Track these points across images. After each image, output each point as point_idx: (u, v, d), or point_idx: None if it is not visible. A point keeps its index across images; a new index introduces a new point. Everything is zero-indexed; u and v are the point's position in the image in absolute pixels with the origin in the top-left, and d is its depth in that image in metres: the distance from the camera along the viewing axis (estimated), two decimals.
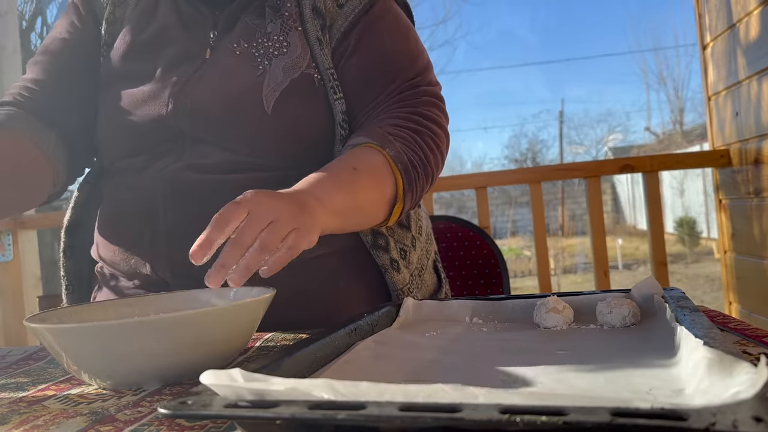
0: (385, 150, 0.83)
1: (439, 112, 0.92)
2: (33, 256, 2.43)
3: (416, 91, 0.91)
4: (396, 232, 0.95)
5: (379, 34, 0.92)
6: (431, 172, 0.89)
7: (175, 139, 0.89)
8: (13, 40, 2.44)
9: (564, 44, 32.24)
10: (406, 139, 0.85)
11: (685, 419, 0.29)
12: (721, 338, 0.44)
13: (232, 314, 0.61)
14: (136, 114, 0.90)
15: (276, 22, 0.91)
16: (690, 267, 9.03)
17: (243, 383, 0.37)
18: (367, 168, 0.81)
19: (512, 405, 0.32)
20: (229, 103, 0.87)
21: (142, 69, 0.92)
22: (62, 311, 0.69)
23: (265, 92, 0.86)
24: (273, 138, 0.87)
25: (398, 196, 0.84)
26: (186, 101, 0.87)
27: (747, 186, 1.93)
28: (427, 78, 0.94)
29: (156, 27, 0.94)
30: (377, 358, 0.56)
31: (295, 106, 0.87)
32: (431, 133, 0.89)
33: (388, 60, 0.92)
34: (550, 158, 17.31)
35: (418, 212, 1.02)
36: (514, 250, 11.09)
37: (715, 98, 2.16)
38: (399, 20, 0.96)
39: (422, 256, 1.00)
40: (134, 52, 0.94)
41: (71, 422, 0.49)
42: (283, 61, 0.88)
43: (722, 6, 2.01)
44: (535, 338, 0.61)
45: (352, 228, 0.83)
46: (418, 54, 0.94)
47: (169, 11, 0.94)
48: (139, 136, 0.90)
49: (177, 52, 0.91)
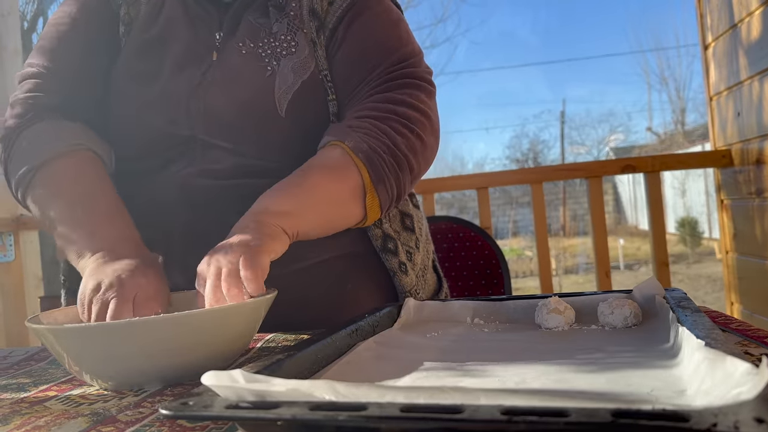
0: (344, 143, 0.81)
1: (419, 92, 0.88)
2: (34, 257, 2.43)
3: (397, 74, 0.88)
4: (402, 234, 0.95)
5: (364, 25, 0.91)
6: (403, 157, 0.84)
7: (187, 143, 0.88)
8: (14, 40, 2.44)
9: (565, 44, 32.26)
10: (367, 128, 0.83)
11: (686, 420, 0.29)
12: (722, 339, 0.44)
13: (233, 315, 0.61)
14: (146, 118, 0.89)
15: (282, 22, 0.90)
16: (692, 267, 9.02)
17: (244, 384, 0.37)
18: (319, 164, 0.81)
19: (514, 406, 0.32)
20: (242, 107, 0.86)
21: (150, 68, 0.91)
22: (63, 312, 0.70)
23: (278, 95, 0.86)
24: (282, 140, 0.87)
25: (366, 186, 0.83)
26: (199, 106, 0.87)
27: (749, 186, 1.93)
28: (414, 63, 0.90)
29: (162, 22, 0.93)
30: (378, 359, 0.56)
31: (305, 108, 0.87)
32: (399, 117, 0.85)
33: (372, 46, 0.90)
34: (551, 158, 17.31)
35: (418, 213, 1.01)
36: (515, 251, 11.08)
37: (716, 98, 2.16)
38: (389, 12, 0.94)
39: (424, 257, 1.00)
40: (142, 50, 0.93)
41: (73, 423, 0.49)
42: (292, 61, 0.88)
43: (724, 6, 2.01)
44: (536, 339, 0.61)
45: (328, 225, 0.82)
46: (407, 41, 0.92)
47: (175, 5, 0.93)
48: (150, 140, 0.89)
49: (183, 50, 0.91)
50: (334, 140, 0.82)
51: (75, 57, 0.93)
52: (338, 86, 0.90)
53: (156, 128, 0.88)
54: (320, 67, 0.89)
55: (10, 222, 2.32)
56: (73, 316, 0.70)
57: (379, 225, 0.92)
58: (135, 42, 0.94)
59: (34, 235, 2.43)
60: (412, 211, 0.99)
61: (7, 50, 2.40)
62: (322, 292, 0.88)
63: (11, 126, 0.89)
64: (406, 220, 0.97)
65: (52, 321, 0.67)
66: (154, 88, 0.90)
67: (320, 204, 0.80)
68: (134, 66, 0.92)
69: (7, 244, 2.32)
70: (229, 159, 0.87)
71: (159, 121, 0.88)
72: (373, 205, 0.84)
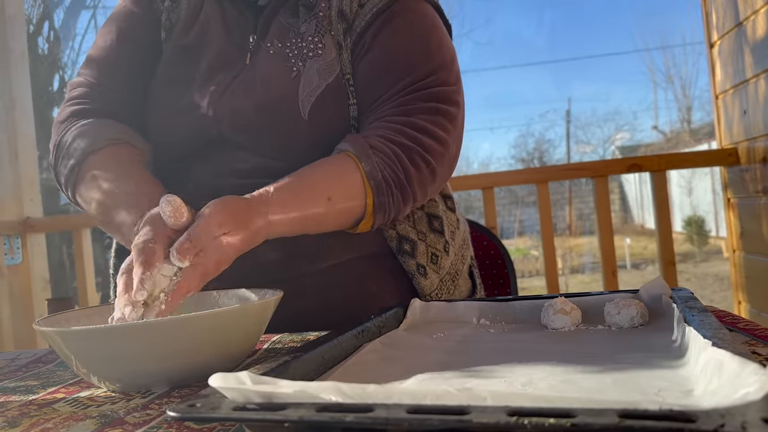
0: (361, 164, 0.81)
1: (444, 119, 0.87)
2: (42, 259, 2.44)
3: (422, 94, 0.86)
4: (428, 236, 0.94)
5: (394, 32, 0.88)
6: (410, 191, 0.85)
7: (216, 144, 0.89)
8: (20, 43, 2.45)
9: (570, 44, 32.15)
10: (387, 154, 0.83)
11: (693, 421, 0.29)
12: (729, 339, 0.44)
13: (239, 316, 0.61)
14: (178, 121, 0.90)
15: (311, 23, 0.89)
16: (699, 266, 8.99)
17: (251, 386, 0.37)
18: (330, 174, 0.81)
19: (520, 407, 0.32)
20: (266, 110, 0.86)
21: (185, 74, 0.92)
22: (71, 314, 0.70)
23: (301, 97, 0.86)
24: (305, 142, 0.87)
25: (366, 213, 0.83)
26: (225, 108, 0.87)
27: (755, 184, 1.92)
28: (441, 78, 0.88)
29: (199, 27, 0.94)
30: (384, 360, 0.56)
31: (328, 111, 0.87)
32: (419, 147, 0.84)
33: (399, 58, 0.88)
34: (557, 158, 17.25)
35: (451, 216, 0.99)
36: (521, 250, 11.06)
37: (722, 96, 2.15)
38: (423, 20, 0.91)
39: (456, 261, 0.98)
40: (179, 56, 0.94)
41: (81, 425, 0.50)
42: (318, 63, 0.87)
43: (729, 4, 2.00)
44: (542, 339, 0.61)
45: (312, 229, 0.82)
46: (437, 53, 0.89)
47: (212, 10, 0.94)
48: (181, 143, 0.91)
49: (217, 55, 0.91)
50: (353, 153, 0.82)
51: (120, 67, 0.97)
52: (359, 92, 0.89)
53: (187, 131, 0.90)
54: (344, 70, 0.88)
55: (17, 225, 2.33)
56: (80, 318, 0.70)
57: (393, 226, 0.91)
58: (173, 48, 0.95)
59: (41, 238, 2.44)
60: (442, 214, 0.97)
61: (13, 53, 2.41)
62: (342, 293, 0.88)
63: (57, 135, 0.93)
64: (434, 222, 0.95)
65: (60, 323, 0.68)
66: (187, 95, 0.91)
67: (318, 212, 0.80)
68: (171, 72, 0.94)
69: (14, 247, 2.33)
70: (252, 159, 0.88)
71: (190, 124, 0.89)
72: (364, 226, 0.85)
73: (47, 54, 6.18)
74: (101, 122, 0.91)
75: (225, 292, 0.76)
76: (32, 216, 2.38)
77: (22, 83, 2.43)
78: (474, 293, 1.04)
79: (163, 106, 0.93)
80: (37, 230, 2.37)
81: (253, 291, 0.74)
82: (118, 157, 0.88)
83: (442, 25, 0.94)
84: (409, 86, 0.87)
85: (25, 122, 2.39)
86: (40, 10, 6.09)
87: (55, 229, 2.53)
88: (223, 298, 0.76)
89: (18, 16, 2.46)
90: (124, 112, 0.95)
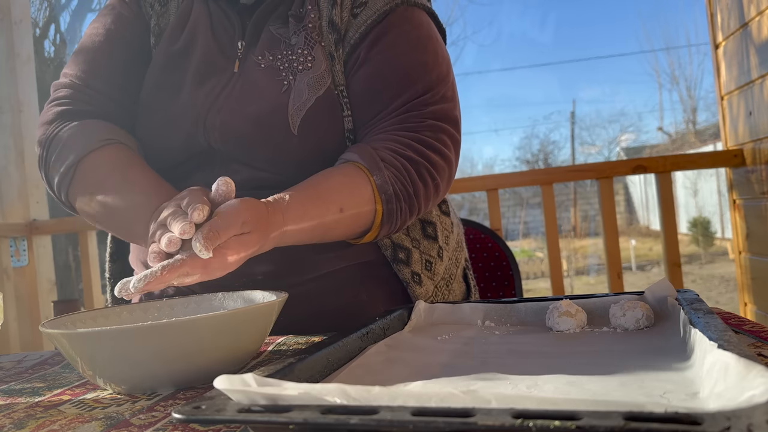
0: (372, 176, 0.81)
1: (446, 137, 0.87)
2: (48, 262, 2.45)
3: (422, 112, 0.86)
4: (422, 243, 0.93)
5: (390, 45, 0.87)
6: (417, 205, 0.85)
7: (206, 155, 0.89)
8: (27, 47, 2.46)
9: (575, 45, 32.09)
10: (399, 169, 0.83)
11: (699, 423, 0.29)
12: (735, 341, 0.44)
13: (244, 318, 0.61)
14: (168, 130, 0.90)
15: (300, 35, 0.89)
16: (704, 267, 8.96)
17: (256, 388, 0.38)
18: (342, 188, 0.80)
19: (525, 409, 0.32)
20: (256, 123, 0.86)
21: (173, 80, 0.91)
22: (77, 316, 0.70)
23: (291, 112, 0.85)
24: (296, 156, 0.86)
25: (374, 224, 0.83)
26: (215, 120, 0.87)
27: (761, 186, 1.92)
28: (439, 93, 0.87)
29: (187, 33, 0.93)
30: (389, 362, 0.56)
31: (318, 124, 0.86)
32: (428, 164, 0.85)
33: (397, 72, 0.87)
34: (561, 159, 17.21)
35: (445, 221, 0.99)
36: (526, 252, 11.04)
37: (728, 97, 2.14)
38: (419, 30, 0.89)
39: (450, 266, 0.98)
40: (167, 62, 0.93)
41: (86, 427, 0.50)
42: (308, 76, 0.86)
43: (734, 5, 2.00)
44: (547, 342, 0.61)
45: (321, 238, 0.82)
46: (434, 66, 0.88)
47: (200, 16, 0.93)
48: (172, 152, 0.90)
49: (205, 62, 0.90)
50: (363, 166, 0.82)
51: (107, 68, 0.95)
52: (355, 106, 0.88)
53: (177, 140, 0.89)
54: (337, 82, 0.88)
55: (23, 227, 2.34)
56: (86, 320, 0.70)
57: (387, 235, 0.91)
58: (162, 54, 0.94)
59: (47, 240, 2.45)
60: (436, 219, 0.96)
61: (19, 57, 2.42)
62: (336, 301, 0.88)
63: (43, 135, 0.91)
64: (427, 229, 0.95)
65: (66, 325, 0.68)
66: (176, 101, 0.90)
67: (329, 224, 0.79)
68: (160, 78, 0.93)
69: (20, 249, 2.34)
70: (244, 171, 0.87)
71: (179, 133, 0.89)
72: (369, 237, 0.85)
73: (53, 57, 6.21)
74: (92, 123, 0.90)
75: (230, 294, 0.76)
76: (38, 218, 2.39)
77: (28, 86, 2.44)
78: (468, 296, 1.03)
79: (153, 114, 0.92)
80: (43, 232, 2.38)
81: (258, 293, 0.74)
82: (114, 158, 0.87)
83: (437, 33, 0.93)
84: (408, 102, 0.86)
85: (32, 125, 2.40)
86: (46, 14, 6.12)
87: (61, 231, 2.54)
88: (228, 300, 0.76)
89: (24, 19, 2.47)
90: (112, 114, 0.93)
